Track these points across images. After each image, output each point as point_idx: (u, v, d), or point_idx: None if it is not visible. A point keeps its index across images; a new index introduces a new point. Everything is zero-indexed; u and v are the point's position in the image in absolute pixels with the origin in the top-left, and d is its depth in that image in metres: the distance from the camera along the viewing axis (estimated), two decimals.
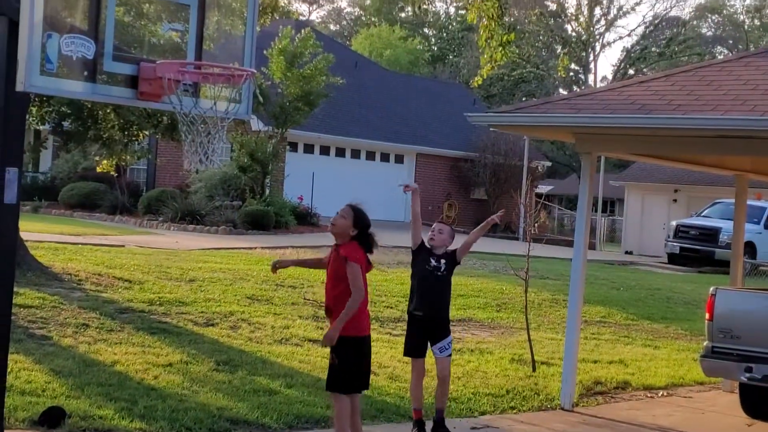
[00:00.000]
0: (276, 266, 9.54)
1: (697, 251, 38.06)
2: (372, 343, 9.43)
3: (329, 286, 8.86)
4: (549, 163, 51.98)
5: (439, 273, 10.46)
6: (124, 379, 10.96)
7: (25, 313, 13.72)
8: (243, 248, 24.77)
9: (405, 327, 17.43)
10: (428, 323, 10.52)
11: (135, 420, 9.65)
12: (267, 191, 36.63)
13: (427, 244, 10.58)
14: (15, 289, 9.83)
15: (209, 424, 9.56)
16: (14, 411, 9.27)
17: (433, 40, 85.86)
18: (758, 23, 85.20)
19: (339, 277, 8.66)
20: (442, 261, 10.45)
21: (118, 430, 9.38)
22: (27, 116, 12.02)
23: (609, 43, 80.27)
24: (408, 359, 11.01)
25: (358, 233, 8.78)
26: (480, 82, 22.91)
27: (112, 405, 10.05)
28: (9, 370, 9.13)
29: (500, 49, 19.55)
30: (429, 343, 10.44)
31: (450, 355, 10.77)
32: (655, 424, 12.26)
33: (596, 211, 45.90)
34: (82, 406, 9.91)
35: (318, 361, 12.83)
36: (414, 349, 10.53)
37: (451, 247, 10.67)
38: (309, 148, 42.21)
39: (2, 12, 8.42)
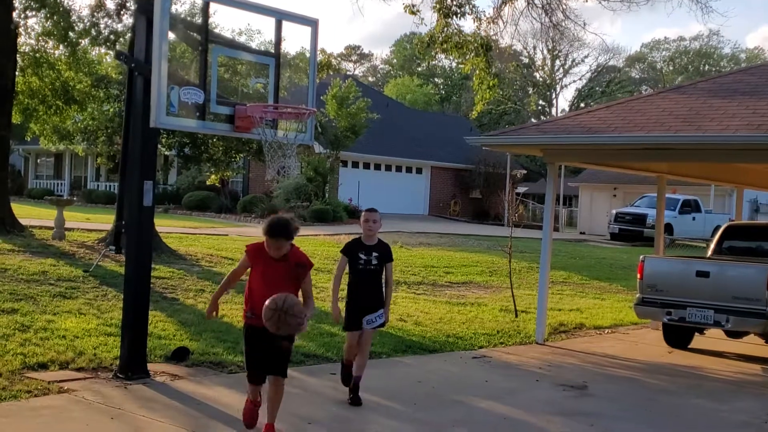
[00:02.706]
0: (210, 313, 6.93)
1: (631, 231, 38.03)
2: (401, 300, 9.30)
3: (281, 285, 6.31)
4: (525, 171, 51.68)
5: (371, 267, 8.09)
6: (229, 327, 11.01)
7: (160, 282, 13.81)
8: (311, 235, 24.78)
9: (427, 289, 17.54)
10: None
11: (237, 355, 9.69)
12: (326, 195, 36.73)
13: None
14: (152, 265, 9.89)
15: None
16: (153, 350, 9.35)
17: (441, 86, 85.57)
18: (671, 68, 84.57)
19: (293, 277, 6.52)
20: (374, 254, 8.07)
21: (226, 363, 9.43)
22: (158, 145, 12.04)
23: (566, 85, 79.80)
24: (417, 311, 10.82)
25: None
26: (475, 115, 22.89)
27: (221, 345, 10.11)
28: (149, 322, 9.19)
29: (488, 91, 19.46)
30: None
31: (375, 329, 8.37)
32: (604, 353, 12.22)
33: (559, 204, 45.80)
34: (201, 347, 9.98)
35: None
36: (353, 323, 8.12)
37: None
38: (355, 164, 42.35)
39: (140, 73, 8.49)
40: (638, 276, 12.65)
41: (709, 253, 14.36)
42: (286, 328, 6.13)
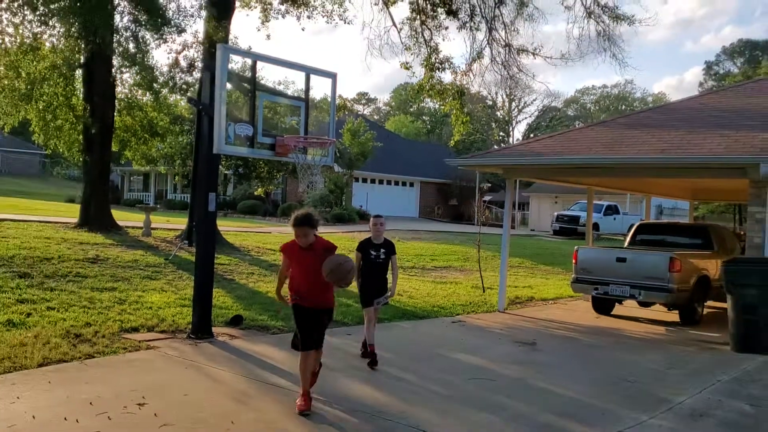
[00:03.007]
0: (283, 302, 6.33)
1: (568, 228, 37.94)
2: (398, 281, 9.23)
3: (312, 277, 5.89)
4: (490, 184, 51.56)
5: (379, 260, 7.87)
6: (272, 301, 10.99)
7: (220, 267, 13.80)
8: (331, 232, 24.76)
9: (417, 272, 17.51)
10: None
11: (278, 321, 9.68)
12: (343, 203, 36.72)
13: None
14: (215, 254, 9.89)
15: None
16: (216, 318, 9.34)
17: (427, 122, 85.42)
18: (597, 108, 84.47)
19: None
20: (382, 250, 7.87)
21: (270, 327, 9.42)
22: (219, 166, 12.04)
23: (519, 121, 79.67)
24: (410, 287, 10.90)
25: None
26: (453, 143, 22.83)
27: (266, 314, 10.10)
28: (213, 297, 9.20)
29: (462, 125, 19.45)
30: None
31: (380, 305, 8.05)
32: (548, 318, 12.19)
33: (515, 208, 45.70)
34: (251, 315, 9.97)
35: None
36: (367, 302, 7.88)
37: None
38: (364, 180, 42.27)
39: (206, 113, 8.50)
40: (573, 261, 12.67)
41: (626, 244, 14.37)
42: (337, 275, 5.80)
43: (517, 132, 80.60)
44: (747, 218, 11.20)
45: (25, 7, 15.15)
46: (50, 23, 15.66)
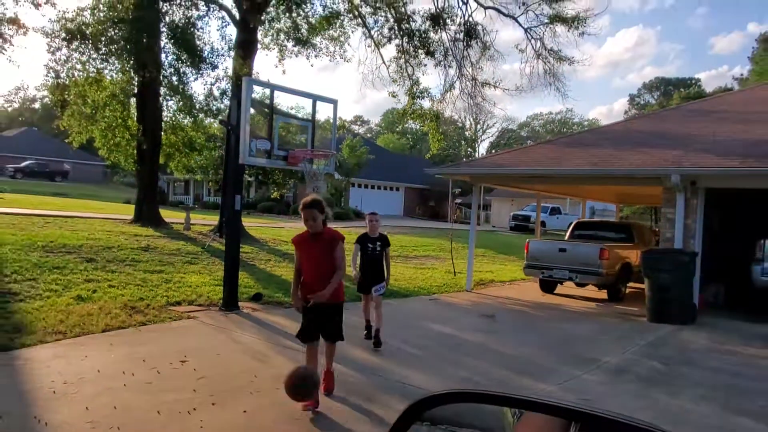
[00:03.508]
0: (297, 306, 4.88)
1: (521, 225, 38.04)
2: (397, 268, 9.17)
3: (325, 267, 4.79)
4: (460, 189, 51.50)
5: (376, 252, 7.18)
6: (286, 281, 11.00)
7: (244, 255, 13.77)
8: (333, 226, 24.68)
9: (402, 260, 17.51)
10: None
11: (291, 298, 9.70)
12: (342, 203, 36.67)
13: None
14: (241, 245, 9.88)
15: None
16: (241, 294, 9.32)
17: (410, 139, 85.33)
18: (545, 130, 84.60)
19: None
20: (378, 243, 7.18)
21: (284, 302, 9.39)
22: (243, 174, 12.03)
23: (483, 139, 79.89)
24: (396, 272, 10.82)
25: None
26: (430, 156, 22.87)
27: (281, 292, 10.08)
28: (239, 278, 9.18)
29: (437, 142, 19.54)
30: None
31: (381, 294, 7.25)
32: (505, 296, 12.23)
33: (480, 209, 45.65)
34: (269, 292, 9.95)
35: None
36: (365, 289, 7.32)
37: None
38: (359, 185, 42.05)
39: (233, 132, 8.49)
40: (525, 251, 12.72)
41: (566, 238, 14.44)
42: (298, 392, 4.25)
43: (482, 148, 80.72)
44: (661, 218, 11.32)
45: (91, 48, 15.13)
46: (110, 60, 15.67)
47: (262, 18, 17.45)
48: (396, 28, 18.62)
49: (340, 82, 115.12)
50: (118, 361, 5.75)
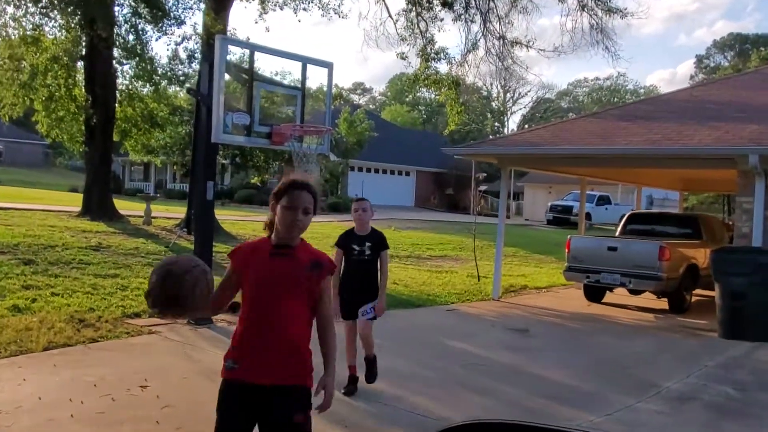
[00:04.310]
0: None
1: (561, 218, 38.06)
2: (394, 269, 9.25)
3: None
4: (485, 174, 51.35)
5: (364, 257, 5.92)
6: None
7: (218, 255, 13.78)
8: (326, 221, 24.79)
9: (413, 261, 17.56)
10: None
11: None
12: (339, 192, 36.74)
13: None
14: (213, 243, 9.92)
15: None
16: None
17: (423, 111, 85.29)
18: (590, 100, 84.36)
19: None
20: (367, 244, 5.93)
21: None
22: (216, 155, 12.07)
23: (514, 112, 79.65)
24: (406, 276, 10.85)
25: None
26: (447, 132, 22.88)
27: None
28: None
29: (457, 115, 19.53)
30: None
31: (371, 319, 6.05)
32: (541, 306, 12.24)
33: (510, 198, 45.75)
34: None
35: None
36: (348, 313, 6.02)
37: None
38: (360, 169, 42.12)
39: (204, 103, 8.53)
40: (566, 250, 12.71)
41: (617, 233, 14.43)
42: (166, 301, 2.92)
43: (512, 122, 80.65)
44: (735, 208, 11.27)
45: (27, 0, 15.15)
46: (51, 15, 15.67)
47: None
48: None
49: (336, 42, 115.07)
50: (64, 386, 5.78)
